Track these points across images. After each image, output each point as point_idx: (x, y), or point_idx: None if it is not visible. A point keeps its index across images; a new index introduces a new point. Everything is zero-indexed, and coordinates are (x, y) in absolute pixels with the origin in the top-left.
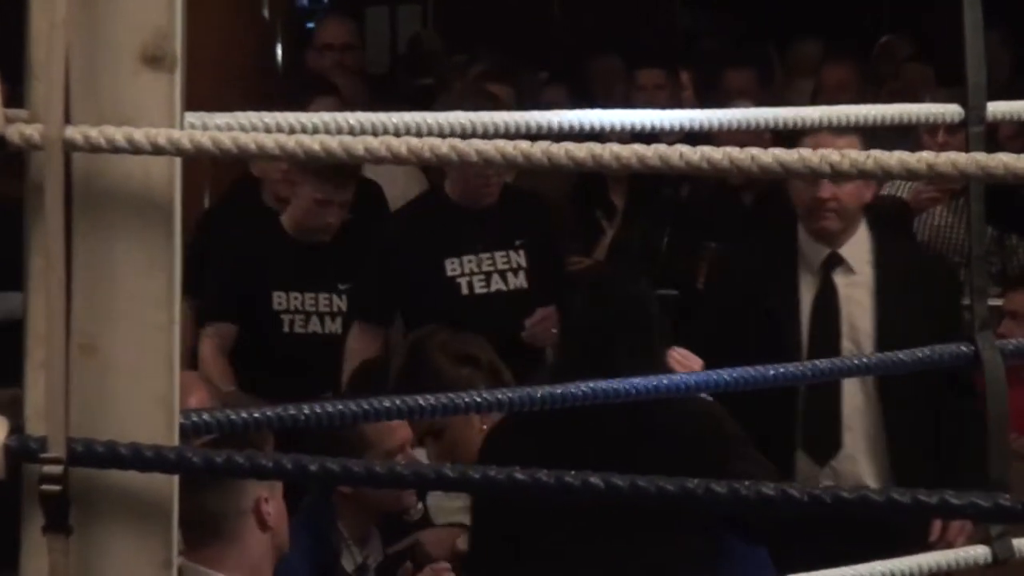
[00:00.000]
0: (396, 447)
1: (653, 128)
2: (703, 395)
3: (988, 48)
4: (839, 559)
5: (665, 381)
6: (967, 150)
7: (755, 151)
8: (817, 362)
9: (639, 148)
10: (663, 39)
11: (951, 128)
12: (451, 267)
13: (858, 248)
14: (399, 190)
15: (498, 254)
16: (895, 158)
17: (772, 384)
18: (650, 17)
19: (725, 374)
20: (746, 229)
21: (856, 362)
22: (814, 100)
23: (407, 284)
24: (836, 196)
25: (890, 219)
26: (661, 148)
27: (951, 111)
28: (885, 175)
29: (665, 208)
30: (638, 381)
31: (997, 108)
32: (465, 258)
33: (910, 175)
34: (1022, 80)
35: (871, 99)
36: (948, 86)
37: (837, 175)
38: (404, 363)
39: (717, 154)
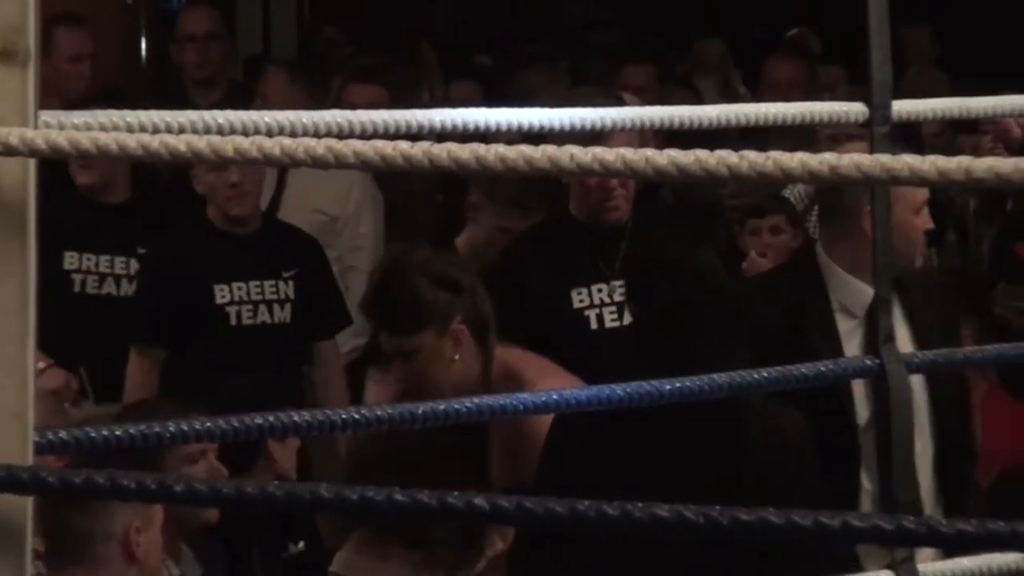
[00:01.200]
0: (196, 451)
1: (543, 128)
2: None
3: (918, 44)
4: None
5: (555, 397)
6: (872, 151)
7: (650, 152)
8: (715, 376)
9: (527, 150)
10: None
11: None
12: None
13: None
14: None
15: (267, 283)
16: (796, 160)
17: (669, 399)
18: (541, 9)
19: (619, 389)
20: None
21: (757, 376)
22: (759, 98)
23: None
24: None
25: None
26: (551, 150)
27: (855, 110)
28: (786, 178)
29: None
30: (514, 398)
31: (903, 107)
32: (234, 285)
33: (812, 178)
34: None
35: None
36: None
37: (736, 177)
38: (379, 281)
39: (610, 155)
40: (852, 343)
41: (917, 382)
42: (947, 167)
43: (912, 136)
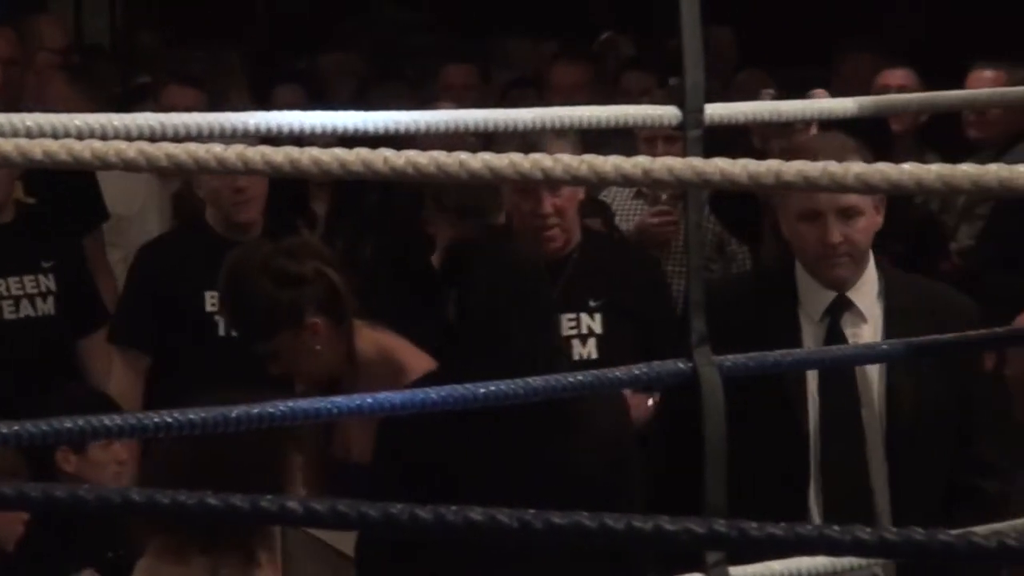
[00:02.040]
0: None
1: (357, 130)
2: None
3: (720, 45)
4: None
5: (369, 400)
6: (684, 155)
7: (464, 156)
8: (531, 380)
9: (340, 152)
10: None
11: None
12: None
13: (868, 288)
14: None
15: (27, 277)
16: (610, 164)
17: (484, 402)
18: (359, 10)
19: (433, 393)
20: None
21: (572, 379)
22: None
23: None
24: (848, 239)
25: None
26: (364, 152)
27: (669, 113)
28: (601, 181)
29: (370, 216)
30: (328, 402)
31: (716, 110)
32: None
33: (627, 181)
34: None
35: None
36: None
37: (550, 181)
38: (224, 289)
39: (423, 159)
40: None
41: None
42: (757, 171)
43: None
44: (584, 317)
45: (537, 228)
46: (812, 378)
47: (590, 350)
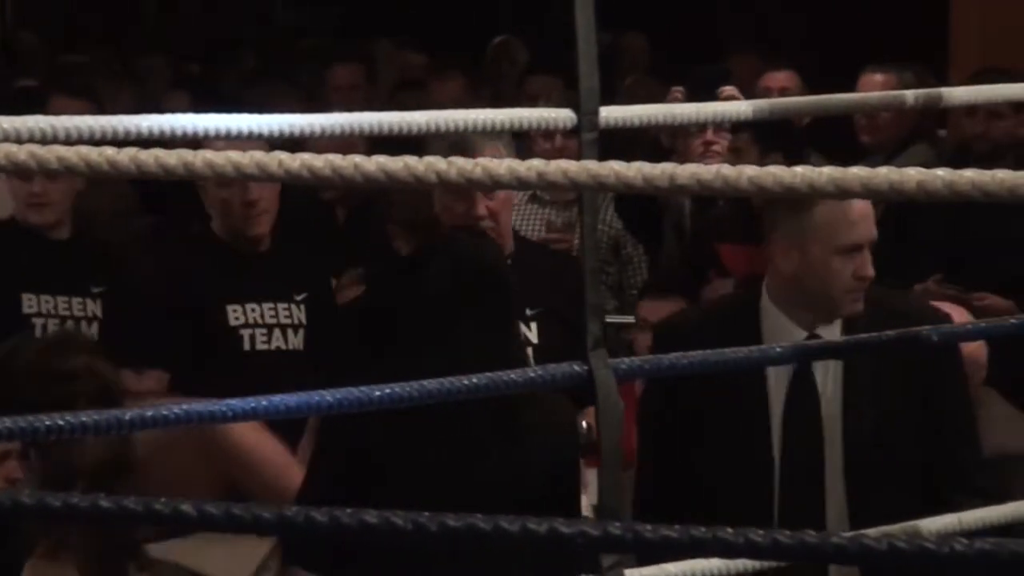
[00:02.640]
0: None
1: (252, 134)
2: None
3: (635, 51)
4: None
5: (264, 403)
6: (579, 157)
7: (359, 159)
8: (425, 383)
9: (234, 155)
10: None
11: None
12: None
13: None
14: None
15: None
16: (504, 166)
17: (379, 406)
18: (250, 14)
19: (328, 395)
20: (342, 249)
21: (467, 382)
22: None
23: None
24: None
25: None
26: (259, 155)
27: (564, 116)
28: (495, 184)
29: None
30: (228, 404)
31: (611, 113)
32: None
33: (521, 184)
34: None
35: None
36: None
37: (444, 183)
38: None
39: (318, 162)
40: (780, 383)
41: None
42: (652, 173)
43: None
44: (520, 326)
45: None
46: (776, 403)
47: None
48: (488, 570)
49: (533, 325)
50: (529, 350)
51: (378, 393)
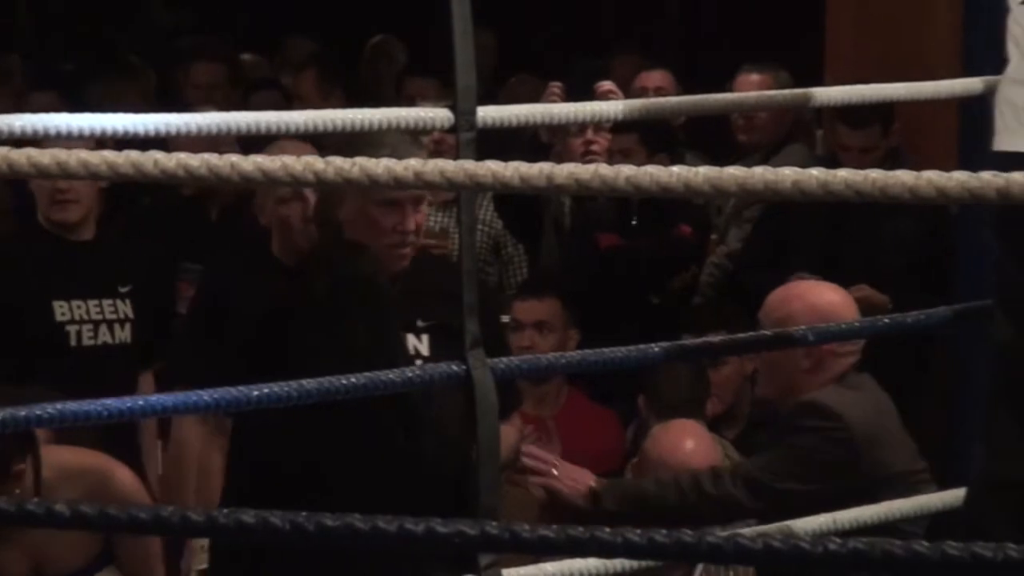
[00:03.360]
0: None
1: (127, 133)
2: None
3: (483, 49)
4: None
5: (140, 402)
6: (456, 157)
7: (235, 158)
8: (304, 383)
9: (109, 155)
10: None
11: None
12: None
13: None
14: None
15: None
16: (382, 166)
17: (257, 406)
18: (128, 15)
19: (206, 395)
20: (213, 246)
21: (345, 382)
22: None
23: None
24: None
25: None
26: (134, 155)
27: (442, 116)
28: (373, 184)
29: (137, 220)
30: (104, 404)
31: (488, 113)
32: None
33: (398, 184)
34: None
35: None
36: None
37: (322, 183)
38: None
39: (194, 161)
40: None
41: None
42: (529, 173)
43: None
44: (411, 338)
45: (394, 245)
46: None
47: None
48: (365, 570)
49: (424, 337)
50: (419, 362)
51: (256, 393)
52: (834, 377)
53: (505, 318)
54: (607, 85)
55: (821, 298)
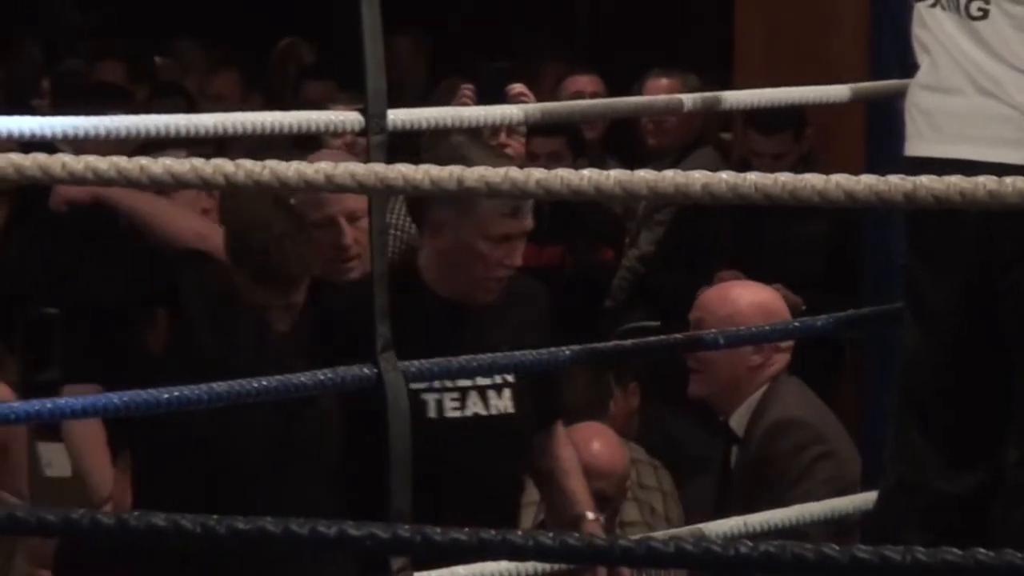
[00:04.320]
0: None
1: (34, 136)
2: None
3: (400, 54)
4: None
5: (48, 405)
6: (367, 160)
7: (144, 161)
8: (215, 386)
9: (16, 158)
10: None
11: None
12: None
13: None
14: None
15: None
16: (292, 168)
17: (167, 409)
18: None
19: (115, 398)
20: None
21: (256, 384)
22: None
23: None
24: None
25: None
26: (41, 158)
27: (352, 119)
28: (283, 187)
29: (47, 224)
30: (10, 407)
31: (398, 116)
32: None
33: (309, 186)
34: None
35: (273, 106)
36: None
37: (231, 185)
38: None
39: (103, 164)
40: None
41: None
42: (440, 176)
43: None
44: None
45: (336, 260)
46: None
47: None
48: (278, 571)
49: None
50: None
51: (167, 396)
52: (773, 375)
53: None
54: (518, 88)
55: (763, 295)
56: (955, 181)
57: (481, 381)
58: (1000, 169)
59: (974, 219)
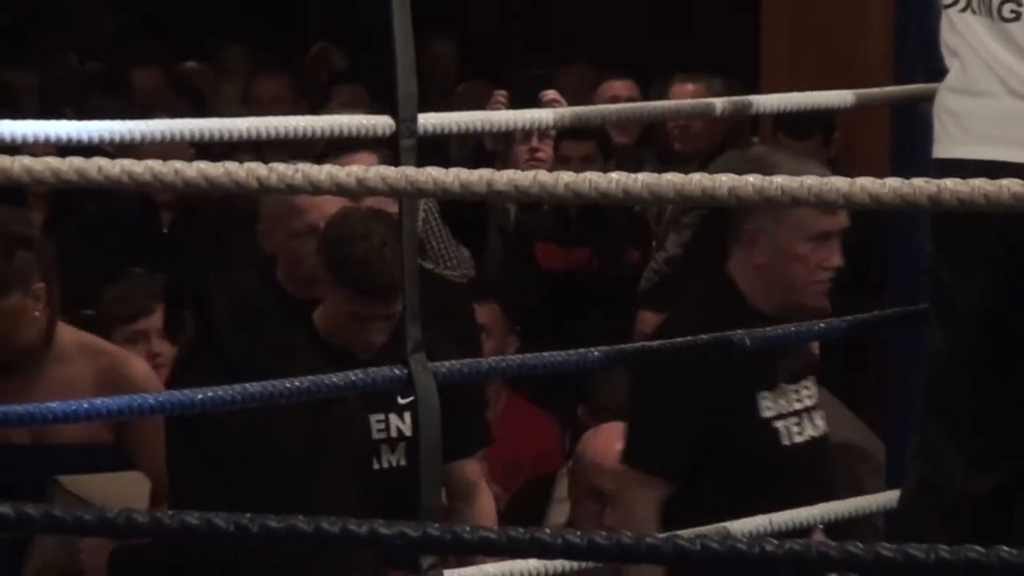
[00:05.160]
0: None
1: (70, 140)
2: None
3: (442, 57)
4: None
5: (85, 406)
6: (398, 163)
7: (179, 164)
8: (248, 386)
9: (53, 162)
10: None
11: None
12: None
13: None
14: None
15: None
16: (325, 172)
17: (201, 409)
18: (71, 18)
19: (150, 398)
20: (164, 253)
21: (288, 385)
22: (247, 112)
23: None
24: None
25: None
26: (78, 161)
27: (383, 123)
28: (316, 190)
29: (87, 228)
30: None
31: (428, 120)
32: None
33: (341, 190)
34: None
35: (307, 110)
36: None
37: (265, 189)
38: None
39: (138, 167)
40: None
41: None
42: (469, 179)
43: None
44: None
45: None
46: None
47: None
48: (306, 570)
49: None
50: None
51: (201, 397)
52: None
53: None
54: (551, 94)
55: None
56: (979, 184)
57: (801, 404)
58: None
59: (1000, 219)
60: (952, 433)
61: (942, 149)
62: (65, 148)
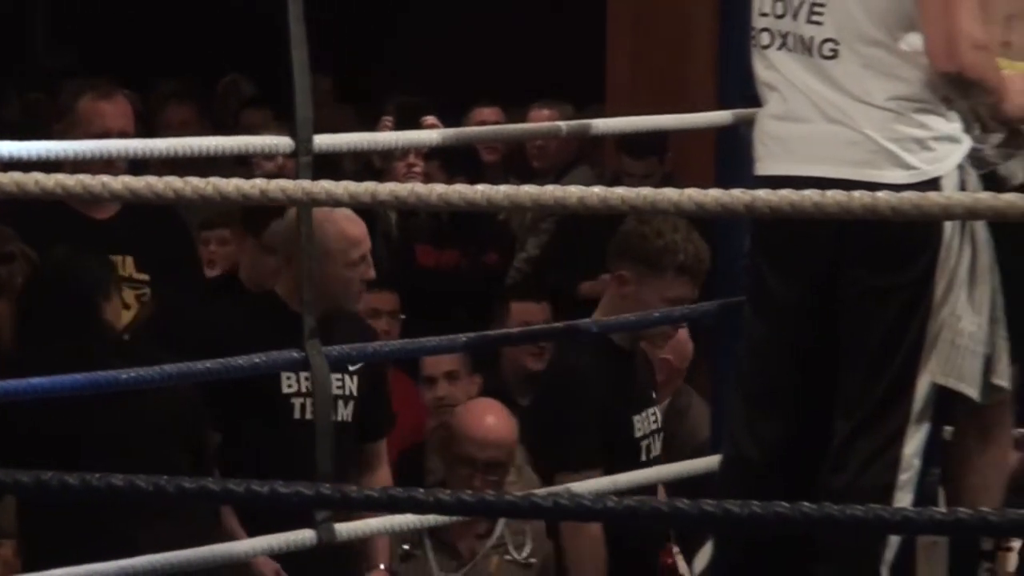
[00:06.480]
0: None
1: (11, 158)
2: None
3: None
4: None
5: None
6: (296, 178)
7: (106, 178)
8: (166, 367)
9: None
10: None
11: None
12: None
13: None
14: None
15: None
16: (232, 185)
17: (124, 387)
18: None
19: (80, 378)
20: None
21: (199, 367)
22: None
23: None
24: None
25: None
26: (17, 175)
27: (283, 143)
28: (224, 201)
29: None
30: None
31: (323, 140)
32: None
33: (246, 200)
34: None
35: (210, 132)
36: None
37: (181, 200)
38: None
39: (70, 181)
40: None
41: None
42: (356, 190)
43: None
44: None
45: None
46: None
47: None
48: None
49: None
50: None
51: (125, 376)
52: None
53: None
54: (431, 119)
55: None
56: (786, 194)
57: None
58: (847, 185)
59: (822, 232)
60: (750, 412)
61: (766, 167)
62: (7, 165)
